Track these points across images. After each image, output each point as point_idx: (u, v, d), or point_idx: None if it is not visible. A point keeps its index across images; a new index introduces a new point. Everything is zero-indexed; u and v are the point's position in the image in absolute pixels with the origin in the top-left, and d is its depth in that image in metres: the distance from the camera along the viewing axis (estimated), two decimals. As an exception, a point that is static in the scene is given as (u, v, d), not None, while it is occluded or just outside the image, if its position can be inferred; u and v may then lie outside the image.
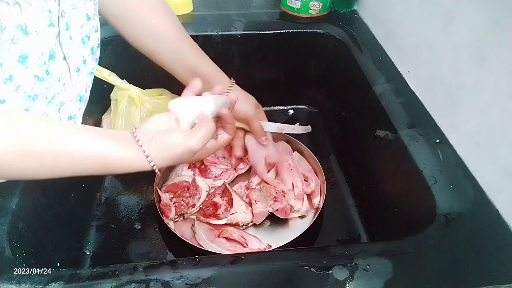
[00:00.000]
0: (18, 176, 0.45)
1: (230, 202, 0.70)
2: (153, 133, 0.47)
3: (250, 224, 0.71)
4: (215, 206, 0.70)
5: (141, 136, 0.46)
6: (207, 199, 0.72)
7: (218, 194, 0.73)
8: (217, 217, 0.69)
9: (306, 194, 0.75)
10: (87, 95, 0.58)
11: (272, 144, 0.77)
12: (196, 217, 0.70)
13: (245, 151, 0.76)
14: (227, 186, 0.73)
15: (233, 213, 0.69)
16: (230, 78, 0.68)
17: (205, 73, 0.65)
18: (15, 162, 0.40)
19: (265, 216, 0.71)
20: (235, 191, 0.73)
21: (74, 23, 0.50)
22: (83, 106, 0.58)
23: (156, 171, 0.47)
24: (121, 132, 0.48)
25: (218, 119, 0.55)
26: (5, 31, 0.42)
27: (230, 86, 0.67)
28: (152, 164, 0.46)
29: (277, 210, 0.70)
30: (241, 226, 0.70)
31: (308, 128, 0.75)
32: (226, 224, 0.69)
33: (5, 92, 0.44)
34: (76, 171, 0.44)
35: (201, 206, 0.71)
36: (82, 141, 0.43)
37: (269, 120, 0.98)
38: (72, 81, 0.53)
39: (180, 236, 0.65)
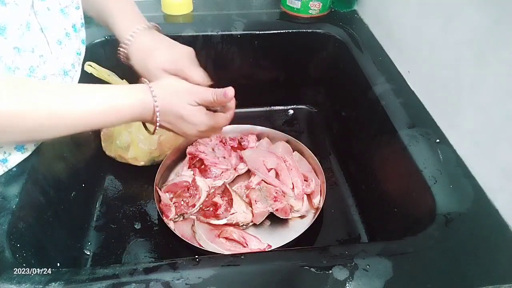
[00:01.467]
0: (43, 136, 0.49)
1: (230, 202, 0.70)
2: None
3: (250, 224, 0.71)
4: (215, 206, 0.70)
5: (154, 85, 0.52)
6: (207, 199, 0.72)
7: (218, 194, 0.73)
8: (217, 217, 0.69)
9: (306, 194, 0.75)
10: (74, 73, 0.58)
11: (270, 150, 0.78)
12: (196, 217, 0.70)
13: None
14: (227, 186, 0.73)
15: (233, 213, 0.69)
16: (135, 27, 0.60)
17: (105, 13, 0.62)
18: (45, 123, 0.44)
19: (265, 216, 0.71)
20: (235, 191, 0.73)
21: None
22: (69, 81, 0.57)
23: (157, 113, 0.51)
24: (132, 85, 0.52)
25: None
26: None
27: (134, 33, 0.59)
28: (156, 104, 0.50)
29: (277, 210, 0.70)
30: (241, 226, 0.70)
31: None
32: (226, 224, 0.69)
33: None
34: (84, 127, 0.48)
35: (201, 206, 0.71)
36: (97, 97, 0.47)
37: (269, 120, 0.99)
38: (53, 54, 0.52)
39: (180, 236, 0.65)
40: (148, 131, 0.57)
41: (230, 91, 0.54)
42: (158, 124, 0.53)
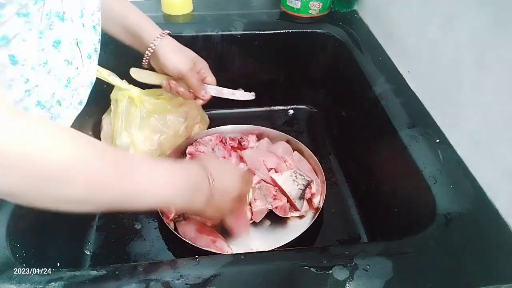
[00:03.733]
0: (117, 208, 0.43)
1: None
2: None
3: (250, 222, 0.71)
4: None
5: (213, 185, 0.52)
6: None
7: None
8: None
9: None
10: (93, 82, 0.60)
11: (270, 150, 0.78)
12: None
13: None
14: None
15: None
16: (163, 30, 0.68)
17: (130, 24, 0.68)
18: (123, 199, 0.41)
19: (265, 214, 0.71)
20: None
21: (87, 11, 0.52)
22: (89, 92, 0.59)
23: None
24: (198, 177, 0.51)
25: None
26: (50, 17, 0.44)
27: (159, 37, 0.67)
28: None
29: (276, 207, 0.70)
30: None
31: (251, 95, 0.76)
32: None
33: (41, 76, 0.45)
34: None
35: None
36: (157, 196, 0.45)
37: (269, 120, 0.99)
38: (84, 67, 0.54)
39: (180, 236, 0.65)
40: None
41: None
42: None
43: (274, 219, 0.72)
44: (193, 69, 0.70)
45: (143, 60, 0.70)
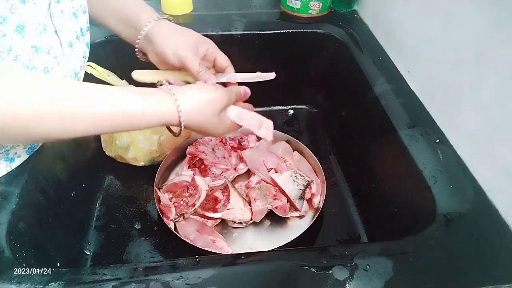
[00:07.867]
0: (37, 137, 0.46)
1: (229, 198, 0.70)
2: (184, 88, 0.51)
3: (250, 222, 0.71)
4: (215, 200, 0.70)
5: (174, 88, 0.50)
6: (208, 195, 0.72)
7: (220, 189, 0.73)
8: (215, 210, 0.69)
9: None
10: (81, 74, 0.59)
11: (270, 150, 0.78)
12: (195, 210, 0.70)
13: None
14: (228, 183, 0.73)
15: (230, 208, 0.69)
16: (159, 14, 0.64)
17: (125, 12, 0.63)
18: (33, 123, 0.40)
19: (265, 214, 0.71)
20: (235, 188, 0.73)
21: None
22: None
23: (182, 124, 0.50)
24: (149, 88, 0.49)
25: None
26: (9, 1, 0.42)
27: (153, 21, 0.61)
28: (181, 114, 0.49)
29: (276, 207, 0.70)
30: (239, 223, 0.70)
31: (271, 75, 0.73)
32: (222, 221, 0.69)
33: (7, 63, 0.44)
34: (97, 130, 0.45)
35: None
36: (104, 100, 0.44)
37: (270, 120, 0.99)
38: (65, 56, 0.53)
39: (180, 236, 0.65)
40: (172, 133, 0.57)
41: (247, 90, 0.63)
42: (182, 128, 0.52)
43: (274, 219, 0.72)
44: (197, 53, 0.62)
45: (135, 50, 0.64)
